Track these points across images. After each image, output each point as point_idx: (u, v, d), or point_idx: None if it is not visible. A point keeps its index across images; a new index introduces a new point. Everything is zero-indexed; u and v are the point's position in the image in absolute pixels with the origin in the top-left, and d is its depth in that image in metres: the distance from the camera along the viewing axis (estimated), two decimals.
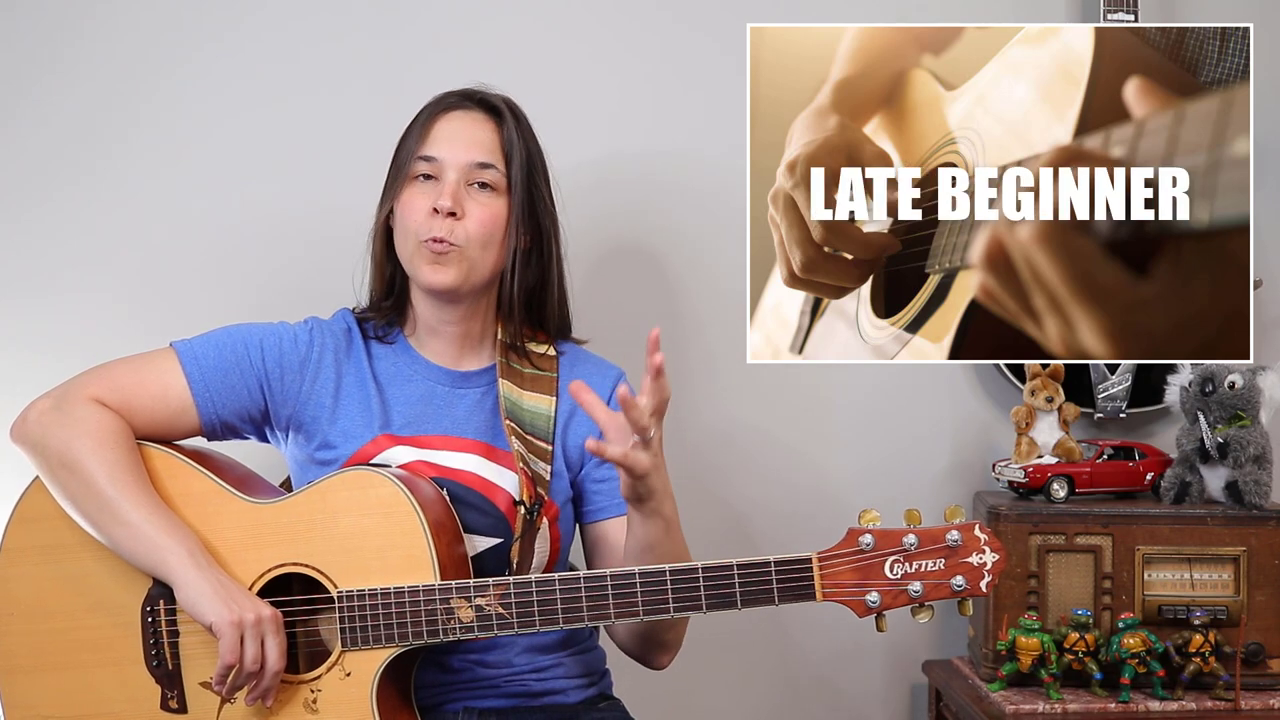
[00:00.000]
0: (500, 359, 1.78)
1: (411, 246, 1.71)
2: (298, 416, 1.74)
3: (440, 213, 1.69)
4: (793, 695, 2.37)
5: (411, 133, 1.75)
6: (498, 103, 1.77)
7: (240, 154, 2.24)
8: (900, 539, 1.52)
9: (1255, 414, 2.11)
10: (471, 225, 1.71)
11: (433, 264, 1.70)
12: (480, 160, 1.73)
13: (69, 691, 1.65)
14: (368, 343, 1.78)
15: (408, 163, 1.73)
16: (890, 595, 1.52)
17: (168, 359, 1.71)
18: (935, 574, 1.52)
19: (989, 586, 1.53)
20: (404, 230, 1.72)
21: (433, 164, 1.72)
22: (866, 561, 1.52)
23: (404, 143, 1.76)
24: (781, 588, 1.52)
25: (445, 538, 1.62)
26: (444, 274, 1.70)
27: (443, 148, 1.73)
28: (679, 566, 1.53)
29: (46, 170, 2.22)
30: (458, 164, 1.72)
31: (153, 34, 2.23)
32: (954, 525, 1.53)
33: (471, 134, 1.74)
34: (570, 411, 1.79)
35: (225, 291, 2.21)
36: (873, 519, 1.53)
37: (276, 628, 1.58)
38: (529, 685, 1.74)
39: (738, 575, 1.52)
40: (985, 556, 1.53)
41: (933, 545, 1.52)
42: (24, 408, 1.67)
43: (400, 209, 1.73)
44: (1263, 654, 2.08)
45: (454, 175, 1.71)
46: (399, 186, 1.73)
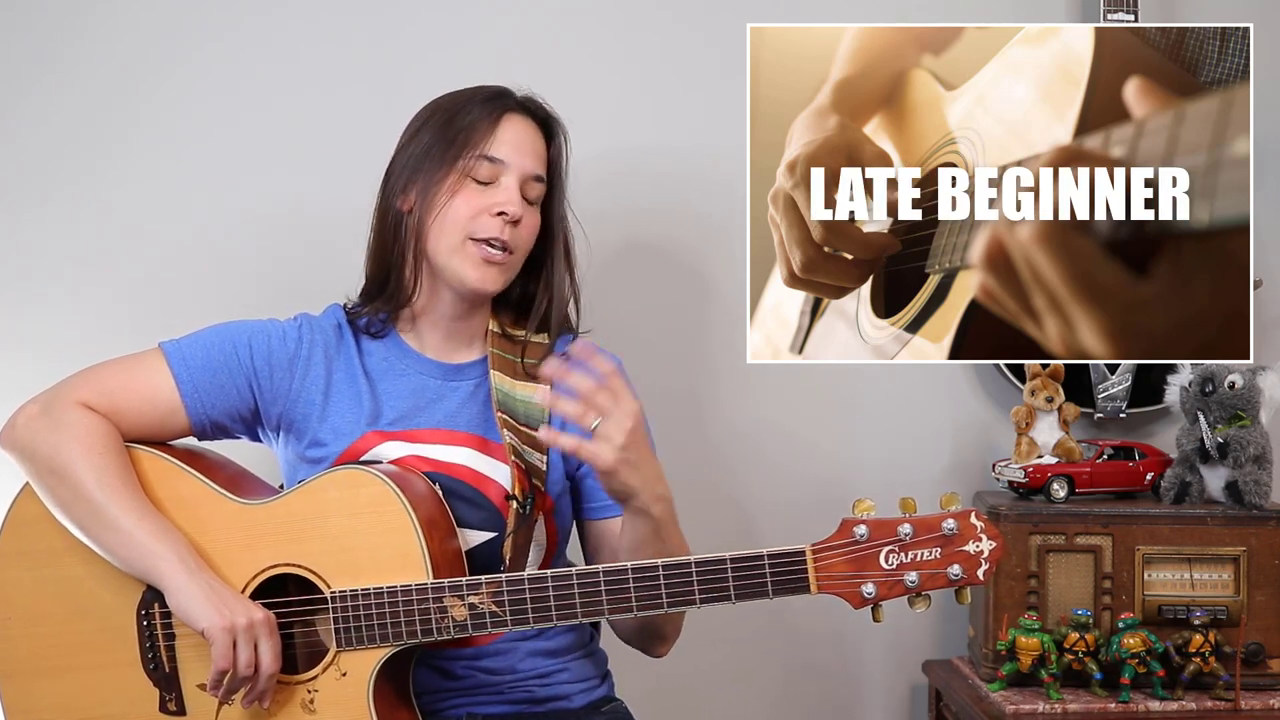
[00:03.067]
0: (493, 350, 1.77)
1: (456, 243, 1.69)
2: (288, 414, 1.73)
3: (508, 218, 1.68)
4: (793, 696, 2.37)
5: (469, 125, 1.70)
6: (554, 117, 1.77)
7: (239, 154, 2.24)
8: (895, 529, 1.49)
9: (1255, 414, 2.10)
10: (525, 235, 1.72)
11: (484, 267, 1.69)
12: (537, 173, 1.73)
13: (68, 695, 1.65)
14: (358, 338, 1.77)
15: (465, 157, 1.69)
16: (886, 586, 1.50)
17: (155, 360, 1.70)
18: (931, 563, 1.49)
19: (986, 575, 1.50)
20: (450, 225, 1.69)
21: (495, 166, 1.70)
22: (861, 552, 1.50)
23: (456, 134, 1.70)
24: (775, 580, 1.50)
25: (438, 534, 1.61)
26: (495, 278, 1.70)
27: (509, 152, 1.71)
28: (672, 561, 1.52)
29: (45, 170, 2.22)
30: (521, 171, 1.71)
31: (151, 35, 2.23)
32: (950, 513, 1.50)
33: (532, 143, 1.74)
34: None
35: (224, 291, 2.21)
36: (867, 509, 1.51)
37: (269, 630, 1.58)
38: (533, 691, 1.73)
39: (731, 569, 1.51)
40: (982, 544, 1.50)
41: (928, 534, 1.49)
42: (11, 413, 1.67)
43: (454, 203, 1.69)
44: (1263, 654, 2.07)
45: (515, 182, 1.71)
46: (444, 177, 1.69)
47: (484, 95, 1.74)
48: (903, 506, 1.52)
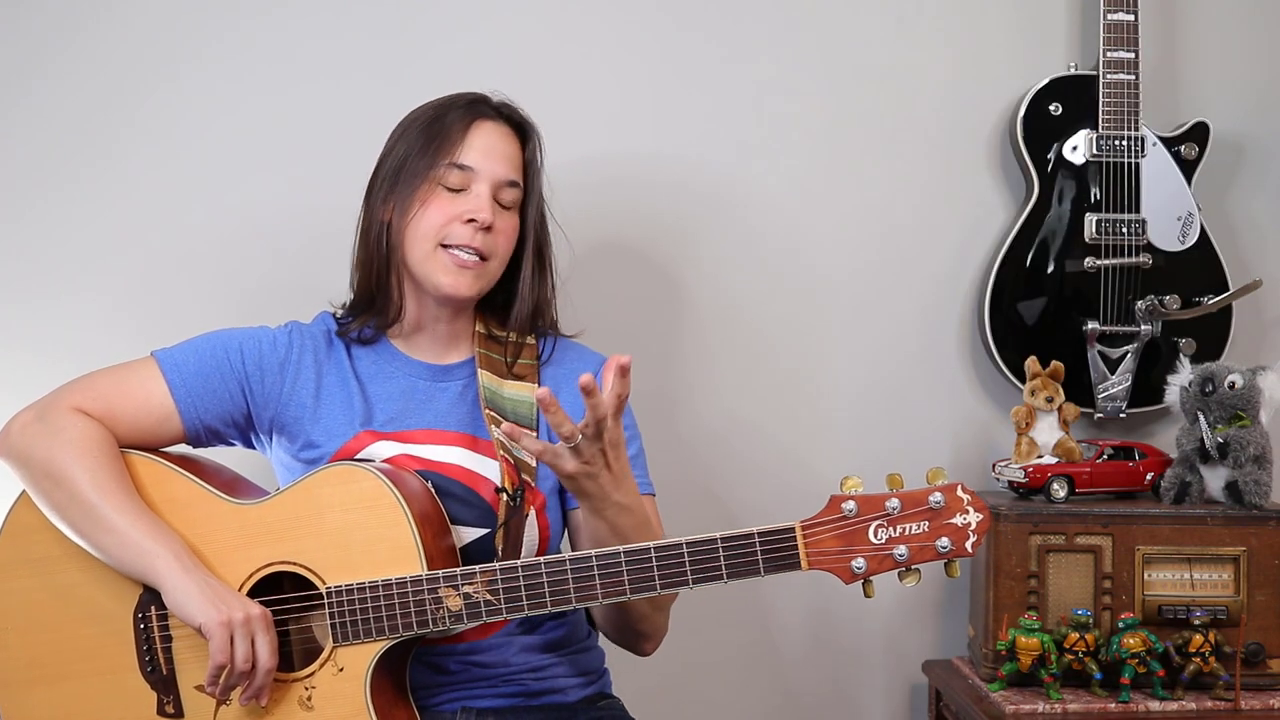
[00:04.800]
0: (479, 350, 1.78)
1: (428, 250, 1.71)
2: (280, 418, 1.75)
3: (478, 225, 1.69)
4: (792, 695, 2.37)
5: (440, 134, 1.72)
6: (526, 121, 1.78)
7: (238, 156, 2.24)
8: (883, 503, 1.51)
9: (1255, 414, 2.10)
10: (501, 241, 1.73)
11: (455, 273, 1.70)
12: (511, 178, 1.74)
13: (66, 702, 1.65)
14: (348, 344, 1.78)
15: (436, 167, 1.71)
16: (876, 560, 1.51)
17: (148, 367, 1.72)
18: (920, 537, 1.51)
19: (974, 546, 1.51)
20: (423, 233, 1.71)
21: (466, 174, 1.71)
22: (850, 527, 1.51)
23: (429, 143, 1.72)
24: (766, 558, 1.51)
25: (431, 529, 1.62)
26: (468, 284, 1.71)
27: (479, 159, 1.72)
28: (664, 543, 1.52)
29: (43, 171, 2.22)
30: (492, 178, 1.72)
31: (151, 36, 2.23)
32: (936, 487, 1.52)
33: (504, 149, 1.74)
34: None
35: (222, 291, 2.22)
36: (854, 485, 1.53)
37: (266, 625, 1.58)
38: (527, 685, 1.74)
39: (722, 548, 1.51)
40: (969, 516, 1.51)
41: (916, 508, 1.51)
42: (7, 421, 1.68)
43: (424, 212, 1.70)
44: (1263, 654, 2.07)
45: (487, 189, 1.71)
46: (418, 186, 1.71)
47: (459, 103, 1.75)
48: (890, 483, 1.53)
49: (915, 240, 2.35)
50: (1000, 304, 2.27)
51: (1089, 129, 2.25)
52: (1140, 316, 2.25)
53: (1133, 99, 2.23)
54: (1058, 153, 2.27)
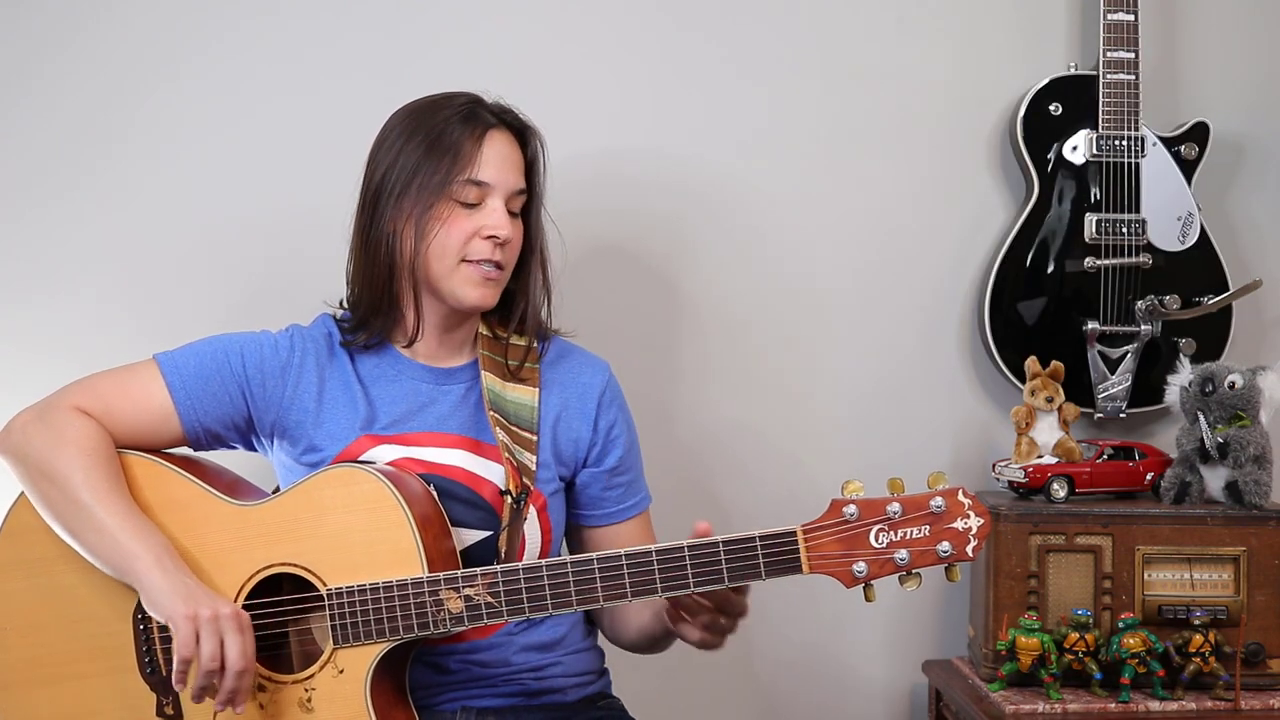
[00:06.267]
0: (483, 352, 1.78)
1: (451, 266, 1.70)
2: (281, 421, 1.74)
3: (498, 240, 1.70)
4: (792, 695, 2.37)
5: (454, 148, 1.69)
6: (527, 124, 1.78)
7: (238, 157, 2.24)
8: (884, 507, 1.51)
9: (1255, 414, 2.10)
10: (512, 250, 1.74)
11: (482, 286, 1.71)
12: (520, 186, 1.74)
13: (65, 703, 1.65)
14: (350, 347, 1.78)
15: (452, 183, 1.69)
16: (877, 564, 1.51)
17: (150, 369, 1.72)
18: (921, 541, 1.51)
19: (975, 551, 1.51)
20: (445, 251, 1.69)
21: (482, 189, 1.70)
22: (851, 531, 1.51)
23: (442, 158, 1.69)
24: (768, 561, 1.51)
25: (432, 531, 1.62)
26: (493, 295, 1.73)
27: (494, 174, 1.71)
28: (665, 546, 1.53)
29: (43, 171, 2.22)
30: (506, 189, 1.72)
31: (150, 37, 2.23)
32: (937, 491, 1.52)
33: (514, 158, 1.74)
34: (561, 406, 1.79)
35: (222, 292, 2.21)
36: (856, 489, 1.53)
37: (238, 626, 1.55)
38: (526, 684, 1.74)
39: (724, 552, 1.51)
40: (970, 521, 1.51)
41: (917, 512, 1.51)
42: (8, 420, 1.69)
43: (446, 231, 1.69)
44: (1263, 654, 2.07)
45: (501, 202, 1.71)
46: (434, 204, 1.69)
47: (460, 112, 1.72)
48: (891, 487, 1.53)
49: (915, 240, 2.35)
50: (1000, 304, 2.27)
51: (1089, 129, 2.25)
52: (1140, 316, 2.25)
53: (1133, 99, 2.23)
54: (1058, 153, 2.27)
